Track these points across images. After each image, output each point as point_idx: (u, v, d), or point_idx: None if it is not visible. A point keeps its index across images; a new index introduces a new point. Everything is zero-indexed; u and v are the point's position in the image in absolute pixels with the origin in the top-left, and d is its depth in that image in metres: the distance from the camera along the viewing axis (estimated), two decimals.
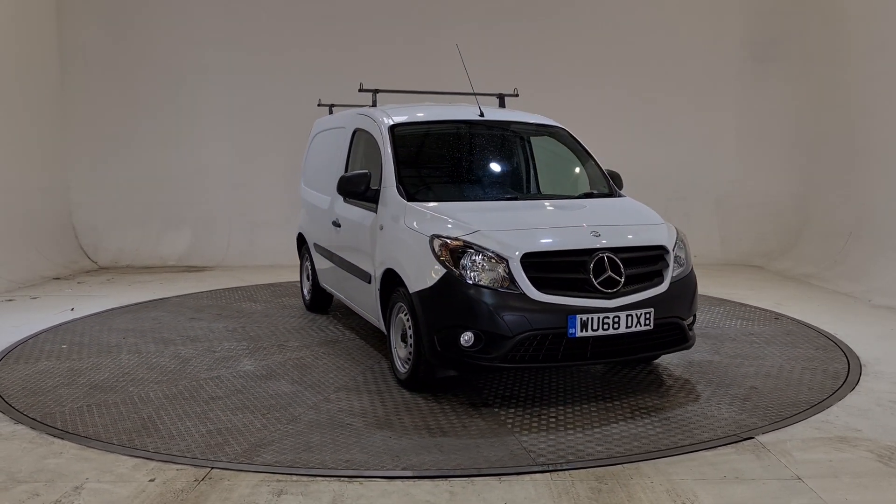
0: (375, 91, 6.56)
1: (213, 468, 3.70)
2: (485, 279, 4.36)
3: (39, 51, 10.49)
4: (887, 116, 8.62)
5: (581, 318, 4.30)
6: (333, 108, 7.62)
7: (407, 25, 10.97)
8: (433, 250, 4.52)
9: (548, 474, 3.61)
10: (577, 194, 5.67)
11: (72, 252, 10.68)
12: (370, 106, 6.44)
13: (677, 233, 5.00)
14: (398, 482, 3.55)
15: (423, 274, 4.56)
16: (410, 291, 4.65)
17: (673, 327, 4.68)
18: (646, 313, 4.45)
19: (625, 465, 3.72)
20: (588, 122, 10.72)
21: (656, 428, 4.22)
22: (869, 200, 8.94)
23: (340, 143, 6.56)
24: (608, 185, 5.70)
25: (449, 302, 4.43)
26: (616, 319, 4.36)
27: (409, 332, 4.75)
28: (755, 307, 7.51)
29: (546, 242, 4.56)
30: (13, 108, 9.76)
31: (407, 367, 4.86)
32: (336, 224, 6.22)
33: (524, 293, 4.31)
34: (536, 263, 4.39)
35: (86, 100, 11.02)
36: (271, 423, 4.36)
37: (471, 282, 4.37)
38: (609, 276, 4.40)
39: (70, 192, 11.05)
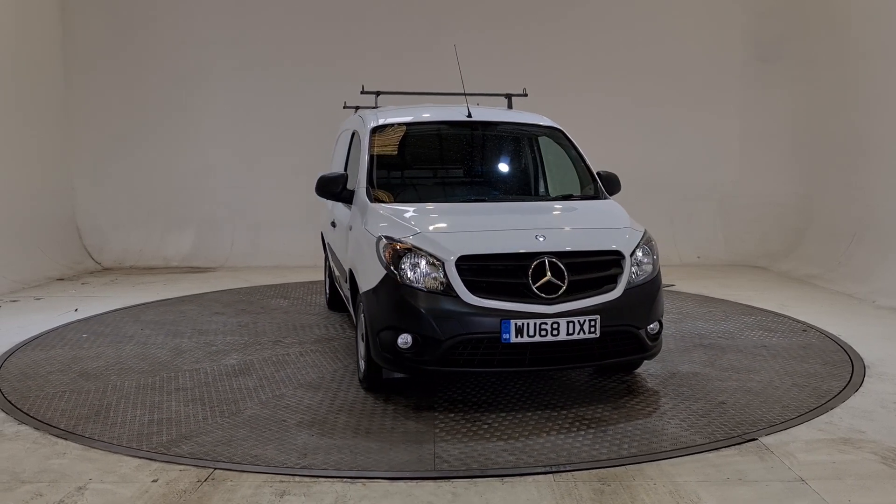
0: (377, 93, 6.57)
1: (216, 469, 3.71)
2: (422, 282, 4.33)
3: (44, 51, 10.52)
4: (891, 117, 8.60)
5: (516, 324, 4.17)
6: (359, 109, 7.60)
7: (413, 27, 10.98)
8: (378, 252, 4.53)
9: (550, 475, 3.60)
10: (556, 196, 5.58)
11: (76, 253, 10.71)
12: (384, 107, 6.46)
13: (646, 238, 4.77)
14: (401, 483, 3.55)
15: (369, 275, 4.59)
16: (360, 292, 4.74)
17: (626, 336, 4.46)
18: (590, 320, 4.26)
19: (628, 466, 3.71)
20: (592, 124, 10.73)
21: (586, 439, 4.03)
22: (873, 201, 8.92)
23: (343, 144, 6.66)
24: (595, 187, 5.52)
25: (387, 303, 4.43)
26: (555, 326, 4.21)
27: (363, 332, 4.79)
28: (787, 317, 7.00)
29: (484, 245, 4.46)
30: (17, 110, 9.78)
31: (364, 366, 4.91)
32: (333, 224, 6.31)
33: (459, 297, 4.24)
34: (472, 267, 4.31)
35: (90, 101, 11.05)
36: (213, 416, 4.50)
37: (408, 284, 4.35)
38: (549, 282, 4.25)
39: (74, 193, 11.09)
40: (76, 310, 7.62)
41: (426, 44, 10.64)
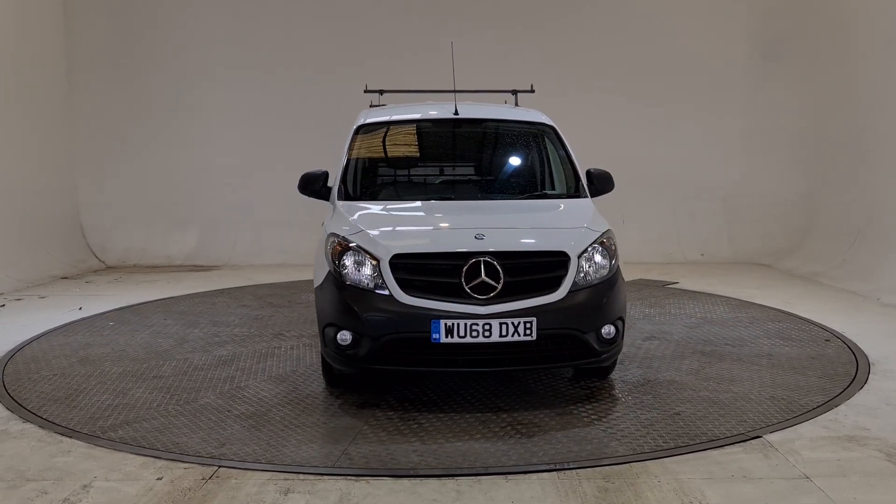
0: (380, 91, 6.57)
1: (220, 467, 3.71)
2: (359, 279, 4.37)
3: (47, 51, 10.54)
4: (894, 115, 8.57)
5: (446, 324, 4.13)
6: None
7: (418, 26, 10.95)
8: (326, 249, 4.61)
9: (555, 473, 3.60)
10: (533, 194, 5.44)
11: (80, 251, 10.73)
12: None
13: (602, 238, 4.61)
14: (405, 481, 3.55)
15: (319, 271, 4.70)
16: (314, 287, 4.81)
17: (568, 340, 4.34)
18: (525, 323, 4.16)
19: (632, 463, 3.71)
20: (597, 122, 10.74)
21: (505, 445, 3.95)
22: (877, 199, 8.89)
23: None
24: (577, 185, 5.41)
25: (329, 300, 4.48)
26: (487, 327, 4.14)
27: None
28: (815, 325, 6.60)
29: (419, 244, 4.50)
30: (21, 108, 9.80)
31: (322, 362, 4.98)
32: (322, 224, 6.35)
33: (392, 295, 4.25)
34: (406, 265, 4.30)
35: (93, 100, 11.07)
36: (166, 403, 4.69)
37: (346, 281, 4.40)
38: (482, 282, 4.19)
39: (78, 192, 11.10)
40: (80, 308, 7.63)
41: (432, 42, 10.62)
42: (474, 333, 4.15)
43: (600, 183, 5.43)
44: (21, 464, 3.79)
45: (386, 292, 4.27)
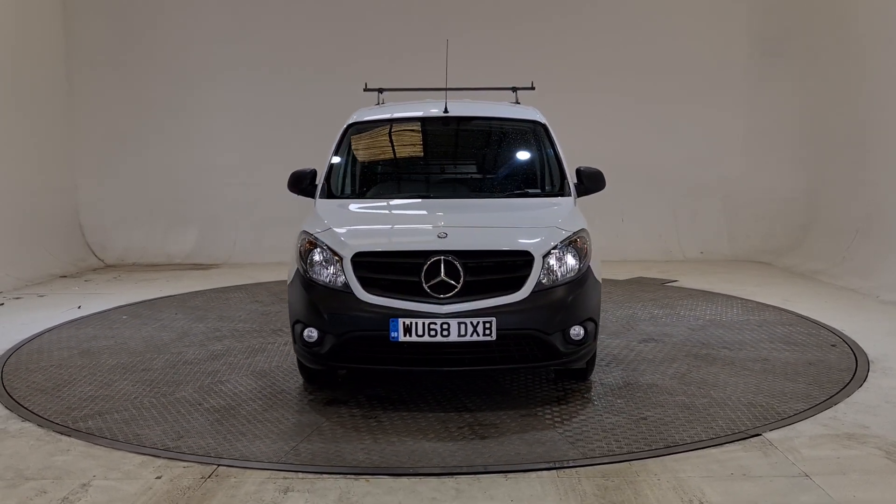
0: (379, 90, 6.56)
1: (219, 465, 3.71)
2: (323, 277, 4.40)
3: (46, 50, 10.53)
4: (895, 111, 8.56)
5: (404, 323, 4.12)
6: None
7: (419, 24, 10.93)
8: (297, 246, 4.65)
9: (554, 471, 3.60)
10: (514, 192, 5.37)
11: (79, 250, 10.73)
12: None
13: (573, 238, 4.51)
14: (404, 479, 3.55)
15: (292, 268, 4.72)
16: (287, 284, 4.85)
17: (530, 340, 4.28)
18: (485, 322, 4.13)
19: (631, 462, 3.70)
20: (597, 119, 10.74)
21: (456, 445, 3.93)
22: (877, 196, 8.89)
23: None
24: (562, 183, 5.34)
25: (297, 297, 4.53)
26: (445, 327, 4.12)
27: None
28: (826, 329, 6.36)
29: (381, 242, 4.53)
30: (20, 107, 9.79)
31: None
32: None
33: (353, 293, 4.27)
34: (367, 263, 4.32)
35: (93, 99, 11.06)
36: (144, 396, 4.83)
37: (312, 279, 4.44)
38: (442, 281, 4.17)
39: (77, 191, 11.10)
40: (79, 307, 7.63)
41: (433, 40, 10.56)
42: (432, 333, 4.14)
43: (590, 181, 5.35)
44: (20, 462, 3.79)
45: (348, 290, 4.29)
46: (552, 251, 4.39)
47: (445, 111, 5.68)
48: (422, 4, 11.03)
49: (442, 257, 4.21)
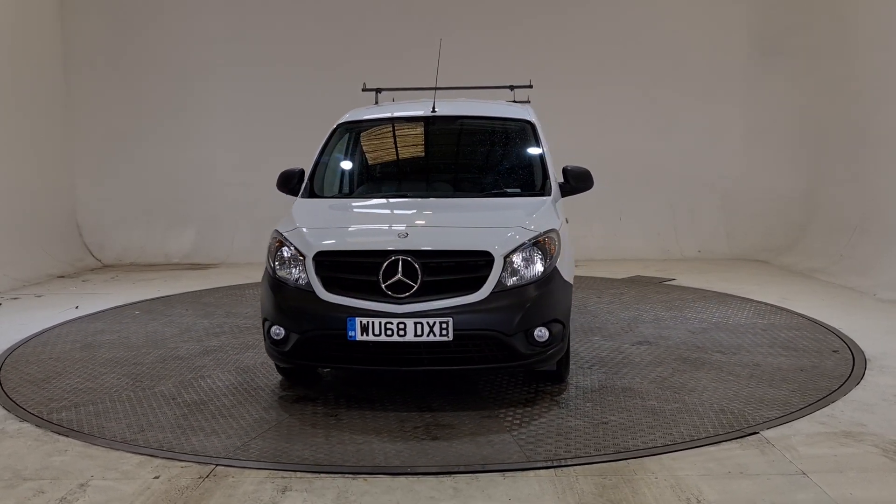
0: (378, 90, 6.57)
1: (217, 465, 3.71)
2: (289, 275, 4.45)
3: (43, 49, 10.52)
4: (893, 110, 8.58)
5: (361, 322, 4.14)
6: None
7: (418, 23, 10.92)
8: (269, 244, 4.72)
9: (552, 470, 3.60)
10: (492, 192, 5.36)
11: (76, 250, 10.72)
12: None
13: (539, 238, 4.44)
14: (402, 478, 3.55)
15: (265, 266, 4.79)
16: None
17: (489, 341, 4.23)
18: (441, 323, 4.11)
19: (629, 460, 3.71)
20: (596, 117, 10.75)
21: (408, 442, 3.95)
22: (875, 194, 8.90)
23: None
24: (544, 183, 5.27)
25: (265, 295, 4.60)
26: (402, 326, 4.12)
27: None
28: (831, 333, 6.19)
29: (342, 241, 4.56)
30: (17, 107, 9.78)
31: None
32: None
33: (314, 292, 4.31)
34: (329, 262, 4.36)
35: (90, 98, 11.05)
36: (123, 389, 4.96)
37: (278, 277, 4.50)
38: (399, 280, 4.18)
39: (75, 191, 11.09)
40: (77, 307, 7.63)
41: (432, 39, 10.60)
42: (389, 332, 4.14)
43: (577, 181, 5.31)
44: (18, 463, 3.79)
45: (311, 289, 4.33)
46: (515, 251, 4.34)
47: (433, 111, 5.70)
48: (422, 3, 11.03)
49: (400, 257, 4.21)
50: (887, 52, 8.70)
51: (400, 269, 4.19)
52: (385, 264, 4.21)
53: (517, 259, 4.34)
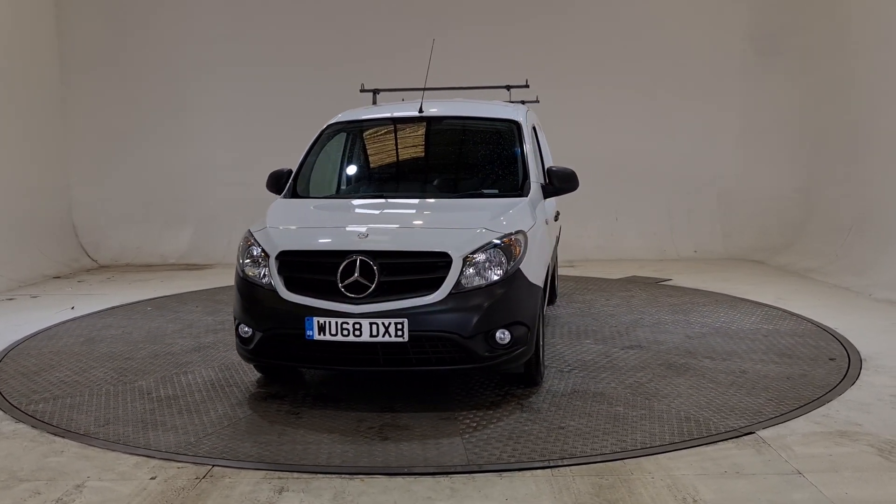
0: (375, 91, 6.57)
1: (214, 466, 3.71)
2: (255, 274, 4.52)
3: (40, 48, 10.49)
4: (890, 110, 8.60)
5: (318, 322, 4.17)
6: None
7: (415, 23, 10.90)
8: (240, 243, 4.78)
9: (549, 470, 3.61)
10: (466, 193, 5.35)
11: (72, 250, 10.69)
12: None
13: (501, 240, 4.39)
14: (399, 479, 3.55)
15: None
16: None
17: (446, 343, 4.20)
18: (396, 323, 4.11)
19: (625, 460, 3.71)
20: (592, 117, 10.76)
21: (357, 443, 3.97)
22: (871, 194, 8.93)
23: None
24: (524, 184, 5.21)
25: (235, 294, 4.67)
26: (357, 326, 4.14)
27: None
28: (833, 339, 6.03)
29: (304, 241, 4.59)
30: (13, 107, 9.76)
31: None
32: None
33: (276, 291, 4.35)
34: (290, 262, 4.41)
35: (86, 97, 11.03)
36: (105, 383, 5.10)
37: (246, 276, 4.57)
38: (356, 281, 4.20)
39: (71, 191, 11.07)
40: (72, 307, 7.61)
41: (430, 40, 10.62)
42: (345, 332, 4.16)
43: (561, 182, 5.28)
44: (14, 464, 3.78)
45: (273, 288, 4.38)
46: (475, 253, 4.30)
47: (420, 111, 5.72)
48: (421, 4, 11.01)
49: (357, 257, 4.23)
50: (884, 53, 8.72)
51: (357, 269, 4.21)
52: (343, 264, 4.23)
53: (477, 260, 4.30)
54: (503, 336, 4.30)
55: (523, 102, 7.43)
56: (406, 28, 10.87)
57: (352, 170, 5.99)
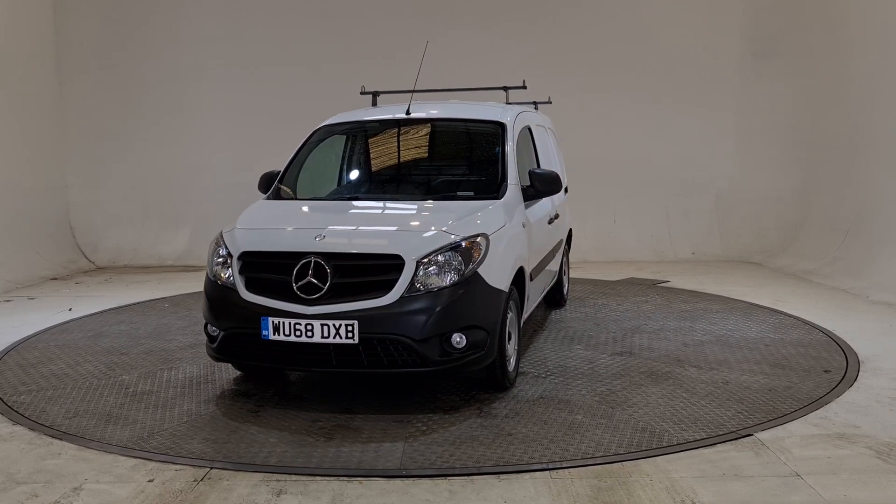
0: (375, 93, 6.57)
1: (212, 468, 3.70)
2: (220, 274, 4.60)
3: (36, 49, 10.48)
4: (887, 112, 8.62)
5: (273, 322, 4.24)
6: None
7: (414, 24, 10.87)
8: (210, 244, 4.86)
9: (547, 472, 3.61)
10: (440, 195, 5.34)
11: (70, 252, 10.67)
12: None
13: (458, 243, 4.35)
14: (397, 481, 3.55)
15: None
16: None
17: (397, 345, 4.18)
18: (347, 325, 4.14)
19: (624, 462, 3.71)
20: (589, 119, 10.76)
21: (301, 443, 3.99)
22: (868, 196, 8.94)
23: None
24: (501, 186, 5.12)
25: (203, 293, 4.75)
26: (309, 327, 4.18)
27: None
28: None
29: (265, 242, 4.63)
30: (10, 107, 9.74)
31: None
32: None
33: (237, 291, 4.43)
34: (251, 263, 4.49)
35: (83, 98, 11.01)
36: (91, 377, 5.25)
37: (213, 275, 4.66)
38: (309, 282, 4.23)
39: (68, 192, 11.04)
40: (70, 309, 7.60)
41: (432, 41, 10.60)
42: (298, 333, 4.20)
43: (542, 184, 5.25)
44: (11, 466, 3.77)
45: (234, 288, 4.46)
46: (429, 255, 4.27)
47: (407, 113, 5.73)
48: (421, 5, 11.01)
49: (312, 259, 4.27)
50: (880, 54, 8.74)
51: (311, 270, 4.25)
52: (298, 265, 4.28)
53: (431, 263, 4.28)
54: (459, 340, 4.28)
55: (535, 103, 7.45)
56: (405, 29, 10.86)
57: (334, 172, 6.05)
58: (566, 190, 7.54)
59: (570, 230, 7.74)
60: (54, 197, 10.79)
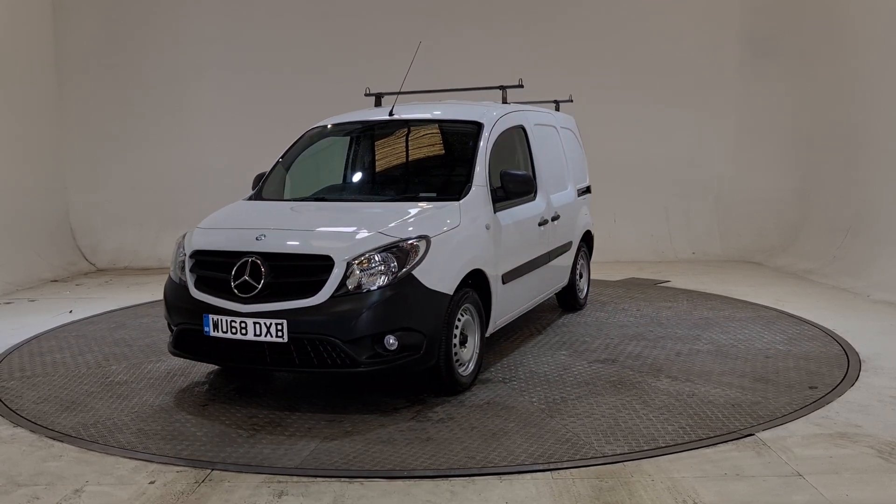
0: (379, 95, 6.57)
1: (213, 469, 3.70)
2: (178, 272, 4.80)
3: (36, 50, 10.47)
4: (886, 111, 8.62)
5: (213, 319, 4.40)
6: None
7: (413, 25, 10.85)
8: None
9: (549, 473, 3.61)
10: (402, 196, 5.36)
11: (70, 253, 10.66)
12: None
13: (392, 244, 4.34)
14: (399, 482, 3.55)
15: None
16: None
17: (326, 345, 4.22)
18: (277, 324, 4.22)
19: (625, 462, 3.71)
20: (588, 119, 10.70)
21: (242, 438, 4.07)
22: (868, 196, 8.94)
23: None
24: (465, 188, 5.04)
25: (164, 291, 4.94)
26: (244, 325, 4.31)
27: None
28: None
29: (213, 242, 4.75)
30: (10, 108, 9.74)
31: None
32: None
33: (187, 288, 4.62)
34: (200, 261, 4.67)
35: (83, 99, 11.00)
36: (80, 368, 5.46)
37: (171, 273, 4.89)
38: (245, 281, 4.35)
39: (68, 193, 11.03)
40: (70, 311, 7.59)
41: (433, 42, 10.62)
42: (233, 330, 4.35)
43: (514, 186, 5.18)
44: (12, 469, 3.77)
45: (185, 285, 4.65)
46: (360, 256, 4.29)
47: (391, 114, 5.78)
48: (420, 5, 11.00)
49: (250, 258, 4.40)
50: (879, 54, 8.74)
51: (248, 269, 4.38)
52: (237, 265, 4.42)
53: (363, 264, 4.29)
54: (392, 342, 4.28)
55: (556, 102, 7.50)
56: (405, 30, 10.85)
57: (315, 175, 6.12)
58: (588, 190, 7.54)
59: (590, 231, 7.41)
60: (54, 198, 10.79)
